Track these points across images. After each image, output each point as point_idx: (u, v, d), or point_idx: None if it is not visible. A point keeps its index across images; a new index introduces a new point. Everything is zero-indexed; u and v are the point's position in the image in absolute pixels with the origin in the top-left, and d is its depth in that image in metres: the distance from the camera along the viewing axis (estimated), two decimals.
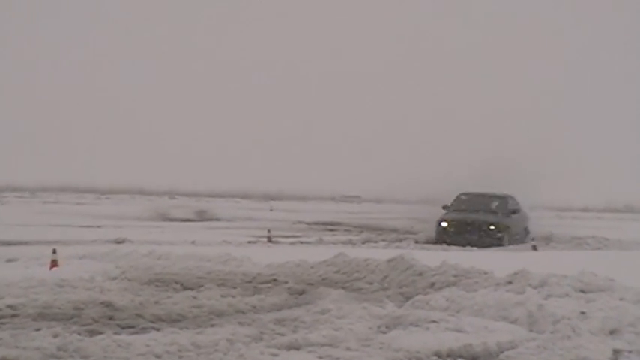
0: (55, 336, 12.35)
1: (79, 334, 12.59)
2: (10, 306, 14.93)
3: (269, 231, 36.47)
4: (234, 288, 18.19)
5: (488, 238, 31.93)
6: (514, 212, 34.48)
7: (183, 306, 15.58)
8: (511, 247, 31.59)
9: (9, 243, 28.62)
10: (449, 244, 32.05)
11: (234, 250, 25.12)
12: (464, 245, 31.19)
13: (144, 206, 67.36)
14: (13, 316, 14.20)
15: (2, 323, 13.57)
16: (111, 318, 14.38)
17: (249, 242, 33.35)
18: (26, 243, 28.82)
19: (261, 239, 34.97)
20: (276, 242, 33.82)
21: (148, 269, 20.78)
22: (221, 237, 35.83)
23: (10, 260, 22.72)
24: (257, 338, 12.51)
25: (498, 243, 31.67)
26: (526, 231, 35.48)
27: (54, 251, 21.46)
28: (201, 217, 60.07)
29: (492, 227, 32.48)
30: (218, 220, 58.53)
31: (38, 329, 12.94)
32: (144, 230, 39.55)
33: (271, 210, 75.87)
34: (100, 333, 12.67)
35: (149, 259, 22.96)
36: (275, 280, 19.64)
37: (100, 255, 23.68)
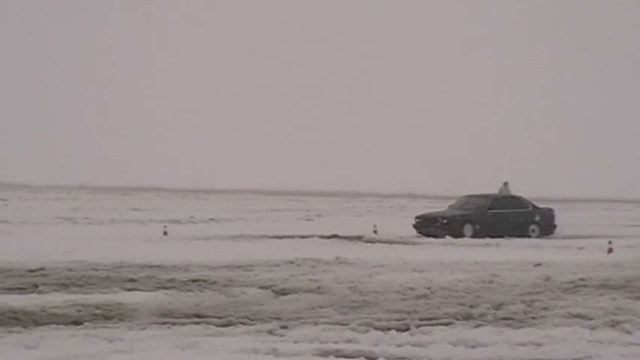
0: (613, 299, 13.77)
1: (630, 299, 13.93)
2: (581, 279, 16.55)
3: None
4: None
5: (442, 230, 30.48)
6: (491, 208, 32.12)
7: None
8: None
9: (577, 237, 30.09)
10: (423, 234, 30.75)
11: None
12: (432, 235, 30.31)
13: None
14: (583, 286, 15.73)
15: (577, 291, 15.06)
16: None
17: None
18: (590, 237, 29.82)
19: None
20: None
21: None
22: None
23: (579, 248, 24.61)
24: None
25: (454, 234, 30.17)
26: (525, 226, 32.15)
27: (609, 242, 22.66)
28: None
29: (445, 221, 31.00)
30: None
31: (601, 295, 14.46)
32: None
33: None
34: None
35: None
36: None
37: None
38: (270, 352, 9.41)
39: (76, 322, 11.29)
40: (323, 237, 27.23)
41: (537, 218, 32.57)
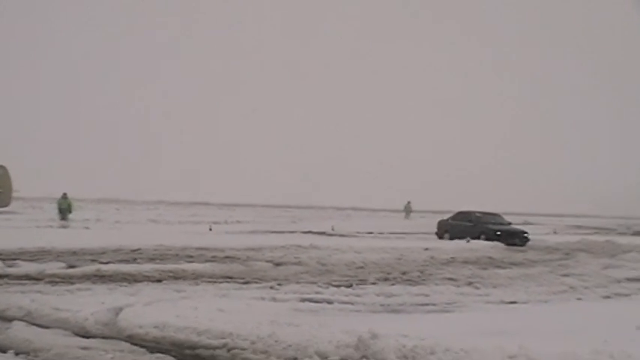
0: (470, 270, 13.78)
1: (479, 269, 13.97)
2: (452, 257, 16.51)
3: None
4: None
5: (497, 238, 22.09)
6: (508, 224, 23.86)
7: None
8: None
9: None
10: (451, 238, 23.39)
11: None
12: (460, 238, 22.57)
13: None
14: (453, 261, 15.67)
15: (449, 264, 14.98)
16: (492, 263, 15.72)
17: None
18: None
19: None
20: None
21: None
22: None
23: (449, 239, 23.64)
24: None
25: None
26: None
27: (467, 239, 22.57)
28: None
29: (498, 233, 22.47)
30: None
31: (463, 267, 14.37)
32: None
33: None
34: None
35: None
36: None
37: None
38: (271, 299, 9.43)
39: (159, 280, 11.21)
40: (302, 232, 26.67)
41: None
